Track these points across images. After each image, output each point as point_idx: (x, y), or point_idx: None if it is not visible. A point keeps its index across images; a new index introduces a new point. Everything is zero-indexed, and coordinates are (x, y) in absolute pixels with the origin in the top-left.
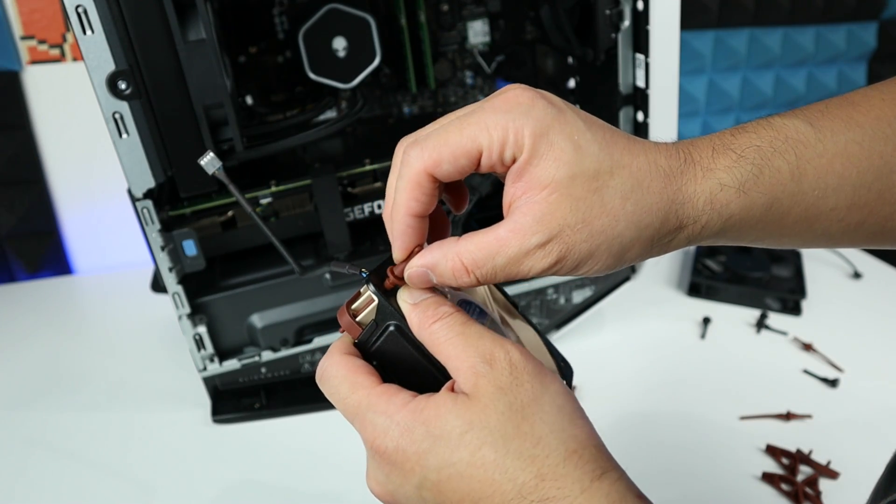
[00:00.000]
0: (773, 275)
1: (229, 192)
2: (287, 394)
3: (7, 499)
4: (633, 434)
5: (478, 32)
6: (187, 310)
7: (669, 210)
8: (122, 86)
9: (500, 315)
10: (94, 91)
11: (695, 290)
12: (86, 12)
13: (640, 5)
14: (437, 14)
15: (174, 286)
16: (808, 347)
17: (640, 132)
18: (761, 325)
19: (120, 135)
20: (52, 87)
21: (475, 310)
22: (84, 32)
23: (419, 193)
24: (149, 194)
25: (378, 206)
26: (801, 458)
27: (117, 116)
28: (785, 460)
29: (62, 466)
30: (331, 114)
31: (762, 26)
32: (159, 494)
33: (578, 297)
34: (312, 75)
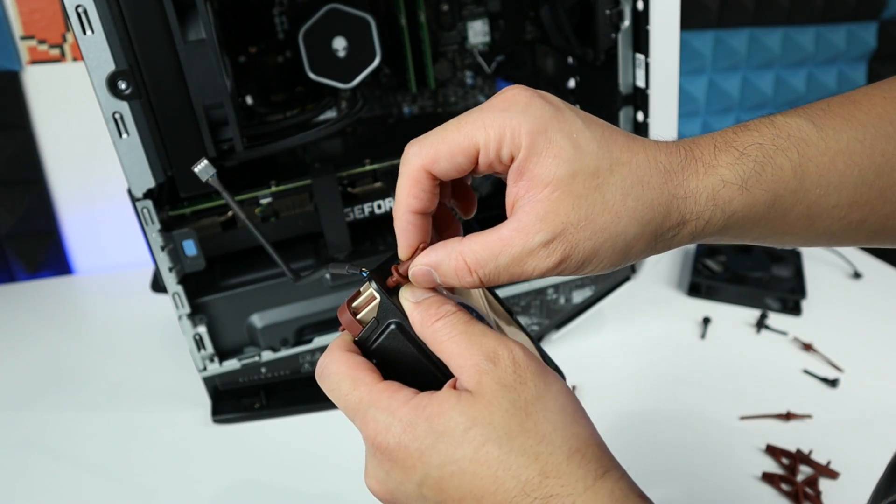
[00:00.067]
0: (773, 275)
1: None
2: (287, 394)
3: (7, 499)
4: (633, 434)
5: (478, 32)
6: (187, 310)
7: (671, 205)
8: (122, 86)
9: (496, 322)
10: (94, 91)
11: (695, 290)
12: (86, 12)
13: (640, 5)
14: (437, 14)
15: (174, 286)
16: (808, 347)
17: (640, 132)
18: (761, 325)
19: (120, 135)
20: (52, 87)
21: (473, 314)
22: (84, 32)
23: (418, 190)
24: (149, 194)
25: (378, 206)
26: (801, 458)
27: (117, 116)
28: (785, 460)
29: (62, 466)
30: (331, 114)
31: (762, 26)
32: (159, 494)
33: (578, 297)
34: (312, 75)
